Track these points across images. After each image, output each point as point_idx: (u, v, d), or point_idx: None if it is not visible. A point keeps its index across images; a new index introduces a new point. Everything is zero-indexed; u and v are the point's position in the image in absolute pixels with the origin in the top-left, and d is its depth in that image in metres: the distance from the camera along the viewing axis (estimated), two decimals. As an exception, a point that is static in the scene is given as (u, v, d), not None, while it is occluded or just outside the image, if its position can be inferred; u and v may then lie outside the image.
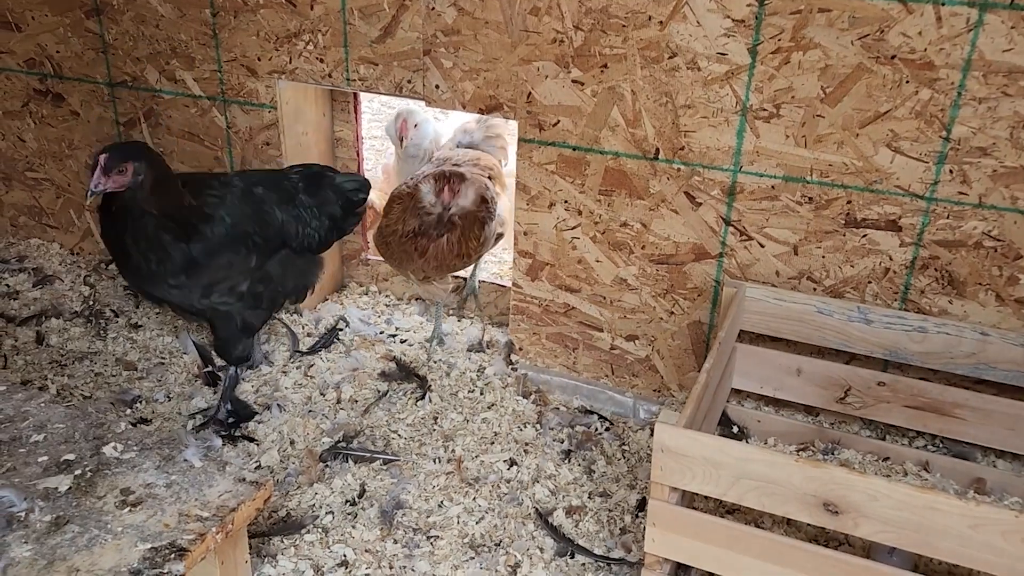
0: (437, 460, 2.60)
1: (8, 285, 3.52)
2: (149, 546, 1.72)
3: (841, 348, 2.49)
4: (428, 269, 2.86)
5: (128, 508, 1.82)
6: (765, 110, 2.42)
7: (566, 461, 2.62)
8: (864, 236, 2.44)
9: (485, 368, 3.05)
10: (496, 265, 4.22)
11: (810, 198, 2.46)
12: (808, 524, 2.27)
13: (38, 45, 3.42)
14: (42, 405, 2.17)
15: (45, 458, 1.97)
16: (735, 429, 2.66)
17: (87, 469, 1.93)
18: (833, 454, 2.54)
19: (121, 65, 3.32)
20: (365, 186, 2.90)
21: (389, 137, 3.92)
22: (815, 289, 2.55)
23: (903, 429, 2.58)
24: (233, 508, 1.84)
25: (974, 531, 1.67)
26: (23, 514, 1.78)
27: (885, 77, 2.26)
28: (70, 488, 1.87)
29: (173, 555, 1.70)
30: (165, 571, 1.67)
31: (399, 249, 2.83)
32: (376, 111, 6.01)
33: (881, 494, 1.72)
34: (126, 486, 1.89)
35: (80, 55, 3.37)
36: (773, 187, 2.49)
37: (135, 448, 2.01)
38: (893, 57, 2.24)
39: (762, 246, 2.57)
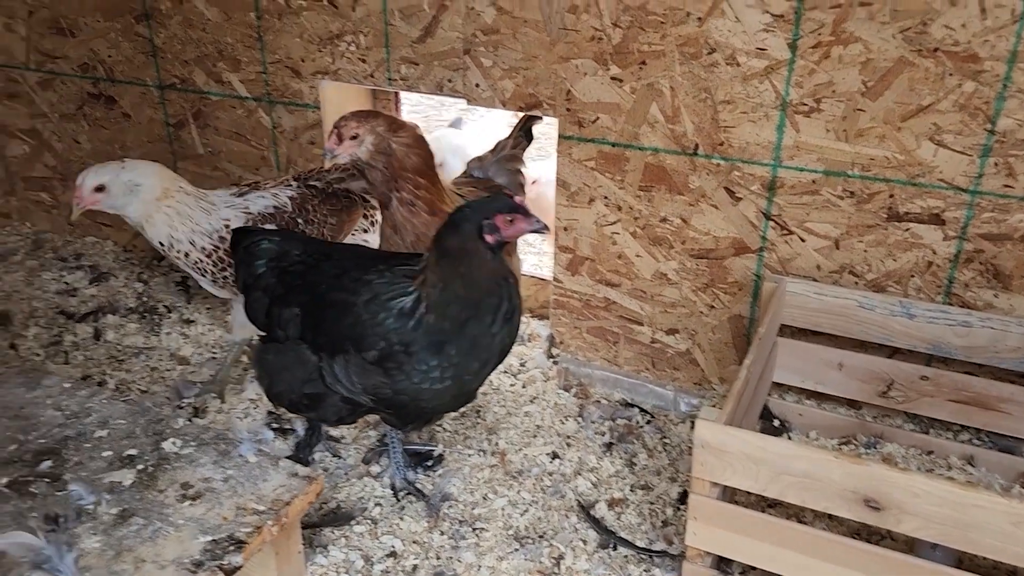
0: (481, 453, 2.65)
1: (67, 282, 3.66)
2: (209, 538, 1.80)
3: (883, 342, 2.48)
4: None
5: (188, 501, 1.91)
6: (805, 104, 2.41)
7: (608, 454, 2.66)
8: (907, 230, 2.42)
9: (526, 361, 3.09)
10: (536, 256, 4.27)
11: (852, 192, 2.45)
12: (850, 519, 2.29)
13: (91, 50, 3.54)
14: (104, 401, 2.27)
15: (109, 453, 2.06)
16: (776, 423, 2.67)
17: (149, 464, 2.03)
18: (875, 448, 2.54)
19: (170, 68, 3.42)
20: None
21: None
22: (857, 283, 2.54)
23: (947, 423, 2.57)
24: (287, 502, 1.92)
25: (1017, 528, 1.68)
26: (91, 507, 1.88)
27: (928, 70, 2.24)
28: (133, 482, 1.96)
29: (232, 547, 1.78)
30: (225, 562, 1.75)
31: None
32: (414, 103, 6.09)
33: (922, 491, 1.73)
34: (185, 480, 1.98)
35: (131, 59, 3.48)
36: (814, 181, 2.49)
37: (193, 444, 2.10)
38: (936, 50, 2.21)
39: (803, 240, 2.57)
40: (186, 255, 2.73)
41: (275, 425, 2.78)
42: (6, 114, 3.90)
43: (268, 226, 2.73)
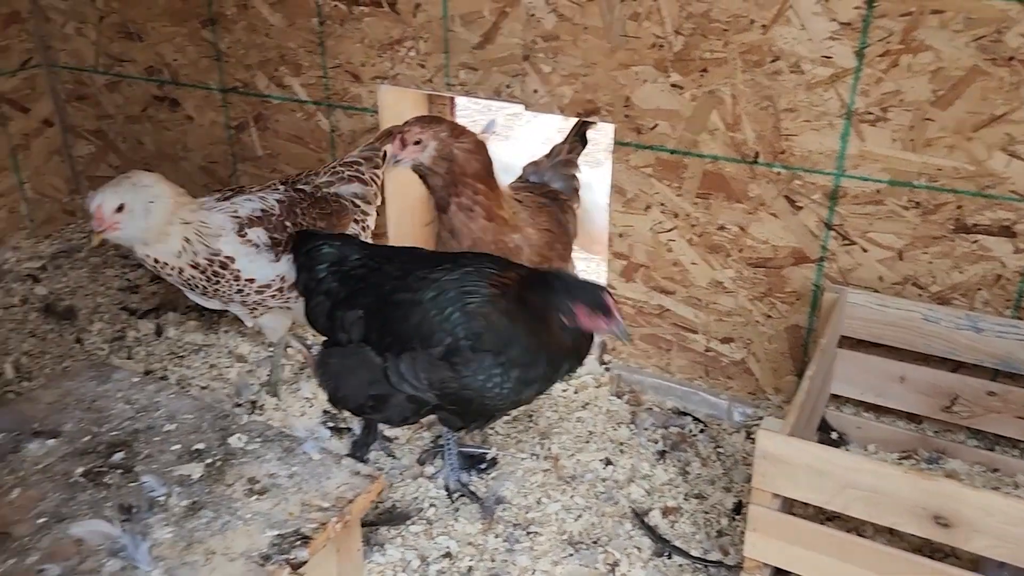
0: (534, 457, 2.66)
1: (129, 279, 3.76)
2: (276, 533, 1.84)
3: (948, 356, 2.43)
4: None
5: (255, 496, 1.94)
6: (871, 113, 2.39)
7: (661, 462, 2.65)
8: (975, 242, 2.38)
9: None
10: (584, 263, 4.26)
11: (917, 203, 2.42)
12: (912, 534, 2.25)
13: (157, 54, 3.63)
14: (171, 396, 2.32)
15: (178, 446, 2.11)
16: (834, 435, 2.64)
17: (216, 458, 2.07)
18: (938, 464, 2.49)
19: (233, 72, 3.49)
20: None
21: None
22: (920, 295, 2.50)
23: (1014, 440, 2.51)
24: (351, 500, 1.94)
25: (1095, 550, 1.64)
26: (162, 498, 1.92)
27: (1002, 79, 2.20)
28: (202, 476, 2.01)
29: (298, 542, 1.81)
30: (292, 557, 1.78)
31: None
32: (460, 107, 6.14)
33: (997, 509, 1.70)
34: (252, 475, 2.01)
35: (195, 63, 3.56)
36: (878, 191, 2.46)
37: (258, 440, 2.14)
38: (1011, 59, 2.17)
39: (865, 251, 2.54)
40: (180, 271, 2.60)
41: (331, 424, 2.82)
42: (74, 115, 4.02)
43: (256, 229, 2.66)
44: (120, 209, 2.44)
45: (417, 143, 2.44)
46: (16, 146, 3.89)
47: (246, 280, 2.67)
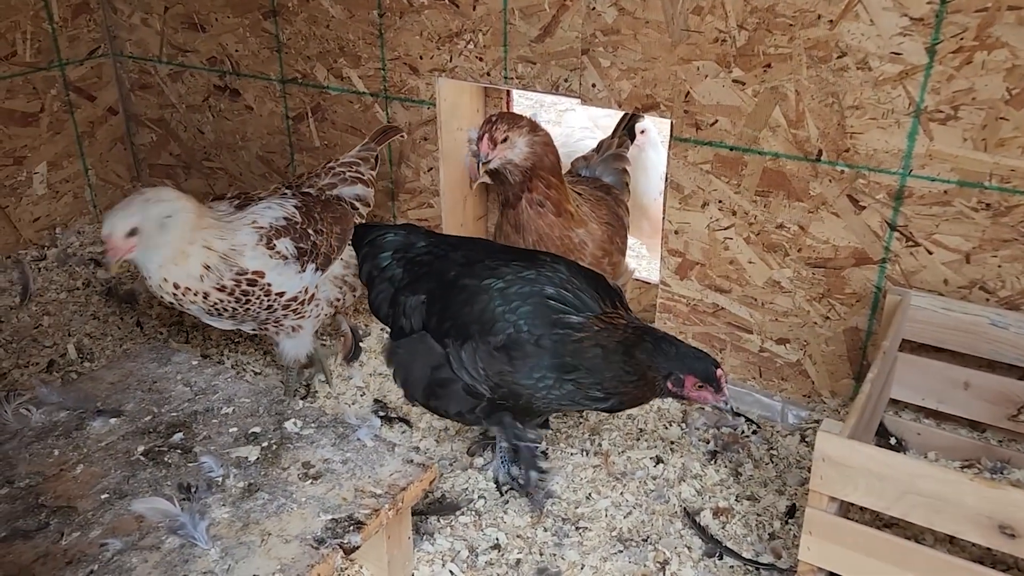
0: (584, 453, 2.65)
1: (186, 266, 3.83)
2: (330, 517, 1.86)
3: (1015, 363, 2.35)
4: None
5: (310, 480, 1.97)
6: (941, 112, 2.32)
7: (712, 462, 2.62)
8: (1048, 246, 2.30)
9: (629, 364, 3.07)
10: (635, 260, 4.24)
11: (988, 204, 2.34)
12: (972, 544, 2.18)
13: (220, 44, 3.70)
14: (229, 380, 2.37)
15: (235, 429, 2.15)
16: (892, 440, 2.57)
17: (272, 442, 2.10)
18: (1002, 473, 2.41)
19: (293, 63, 3.54)
20: None
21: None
22: (988, 300, 2.43)
23: (1082, 452, 2.43)
24: (403, 487, 1.96)
25: None
26: (220, 479, 1.97)
27: (1082, 78, 2.12)
28: (258, 458, 2.04)
29: (352, 527, 1.83)
30: (345, 541, 1.80)
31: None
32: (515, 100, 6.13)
33: (1068, 521, 1.64)
34: (307, 460, 2.04)
35: (256, 54, 3.62)
36: (946, 192, 2.39)
37: (313, 425, 2.17)
38: (1092, 57, 2.10)
39: (930, 253, 2.47)
40: (205, 296, 2.39)
41: (381, 413, 2.85)
42: (137, 104, 4.12)
43: (283, 240, 2.53)
44: (132, 233, 2.27)
45: (504, 140, 2.44)
46: (82, 133, 4.01)
47: (276, 294, 2.54)
